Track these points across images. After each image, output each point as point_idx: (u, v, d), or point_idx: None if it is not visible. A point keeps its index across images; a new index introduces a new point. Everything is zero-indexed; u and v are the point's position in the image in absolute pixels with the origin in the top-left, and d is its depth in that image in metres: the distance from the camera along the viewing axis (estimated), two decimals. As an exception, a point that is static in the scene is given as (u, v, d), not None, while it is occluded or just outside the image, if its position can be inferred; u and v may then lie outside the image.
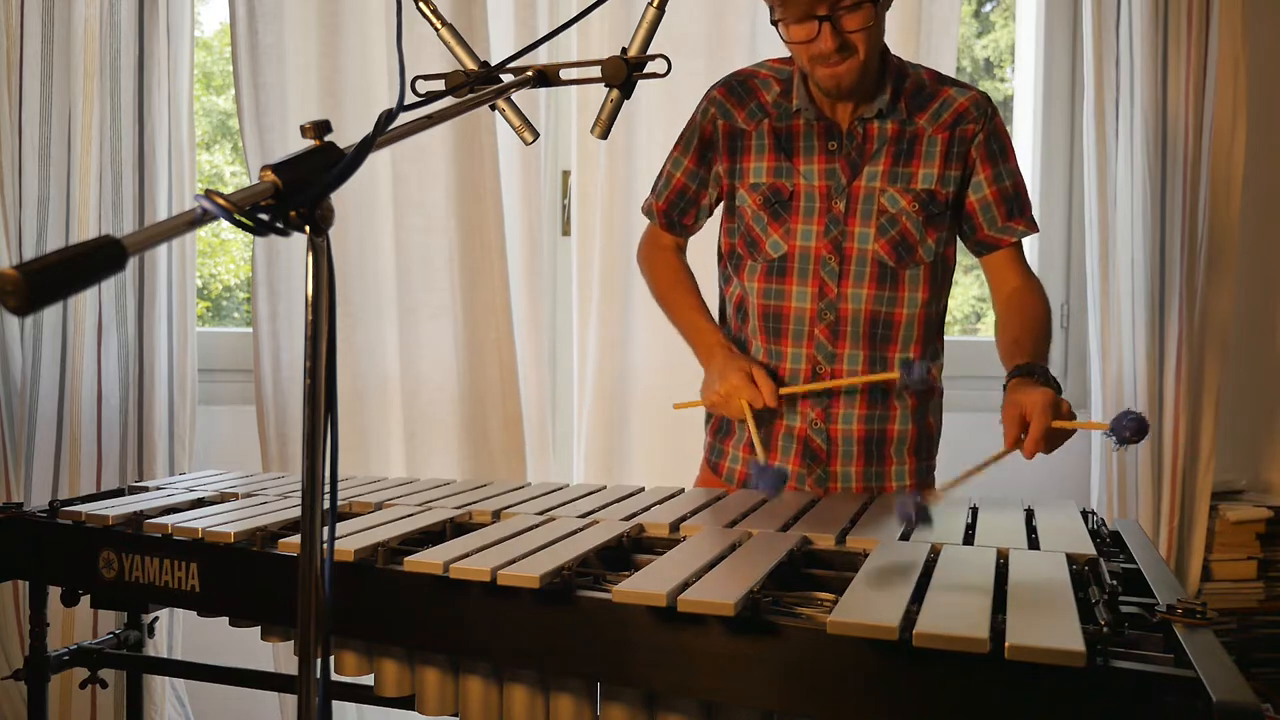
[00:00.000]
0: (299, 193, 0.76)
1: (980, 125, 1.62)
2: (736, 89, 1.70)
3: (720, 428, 1.78)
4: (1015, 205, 1.65)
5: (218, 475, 1.89)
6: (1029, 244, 2.77)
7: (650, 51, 1.20)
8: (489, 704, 1.21)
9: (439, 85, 1.16)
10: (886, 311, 1.63)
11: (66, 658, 1.80)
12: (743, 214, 1.68)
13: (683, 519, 1.38)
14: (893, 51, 1.67)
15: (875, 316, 1.62)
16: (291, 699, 2.33)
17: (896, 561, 1.13)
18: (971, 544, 1.22)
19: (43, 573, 1.62)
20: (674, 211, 1.77)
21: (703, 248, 1.86)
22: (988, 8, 3.14)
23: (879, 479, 1.68)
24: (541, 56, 2.20)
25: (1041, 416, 1.33)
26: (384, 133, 0.86)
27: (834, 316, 1.63)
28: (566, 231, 2.57)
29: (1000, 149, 1.64)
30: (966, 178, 1.64)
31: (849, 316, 1.62)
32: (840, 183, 1.61)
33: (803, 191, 1.63)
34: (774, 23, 1.52)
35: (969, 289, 3.06)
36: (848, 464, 1.66)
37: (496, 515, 1.44)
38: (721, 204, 1.75)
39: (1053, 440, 1.36)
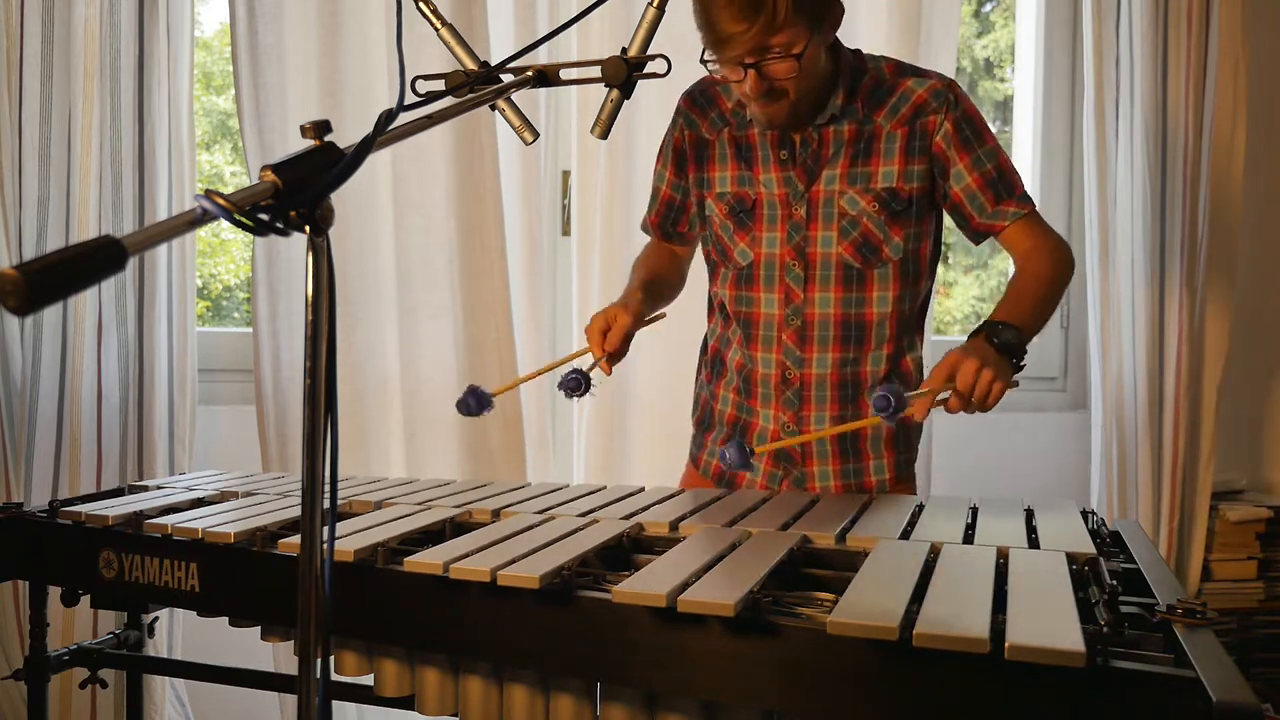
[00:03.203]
0: (299, 193, 0.76)
1: (943, 114, 1.57)
2: (699, 99, 1.71)
3: (703, 420, 1.80)
4: (1002, 187, 1.60)
5: (218, 475, 1.89)
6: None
7: (650, 51, 1.20)
8: (489, 704, 1.21)
9: (439, 85, 1.16)
10: (856, 313, 1.62)
11: (66, 658, 1.80)
12: (712, 223, 1.70)
13: (683, 519, 1.38)
14: (890, 49, 1.67)
15: (845, 319, 1.62)
16: (291, 699, 2.33)
17: (896, 561, 1.13)
18: (971, 544, 1.22)
19: (43, 573, 1.62)
20: (667, 224, 1.80)
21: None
22: (988, 8, 3.14)
23: (857, 476, 1.68)
24: (541, 56, 2.20)
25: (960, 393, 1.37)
26: (384, 133, 0.86)
27: (800, 321, 1.63)
28: (566, 231, 2.57)
29: (974, 133, 1.59)
30: (937, 170, 1.60)
31: (815, 321, 1.63)
32: (798, 189, 1.61)
33: (764, 199, 1.63)
34: (703, 61, 1.48)
35: (969, 289, 3.06)
36: (824, 463, 1.66)
37: (496, 515, 1.44)
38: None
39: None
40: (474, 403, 1.55)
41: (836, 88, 1.58)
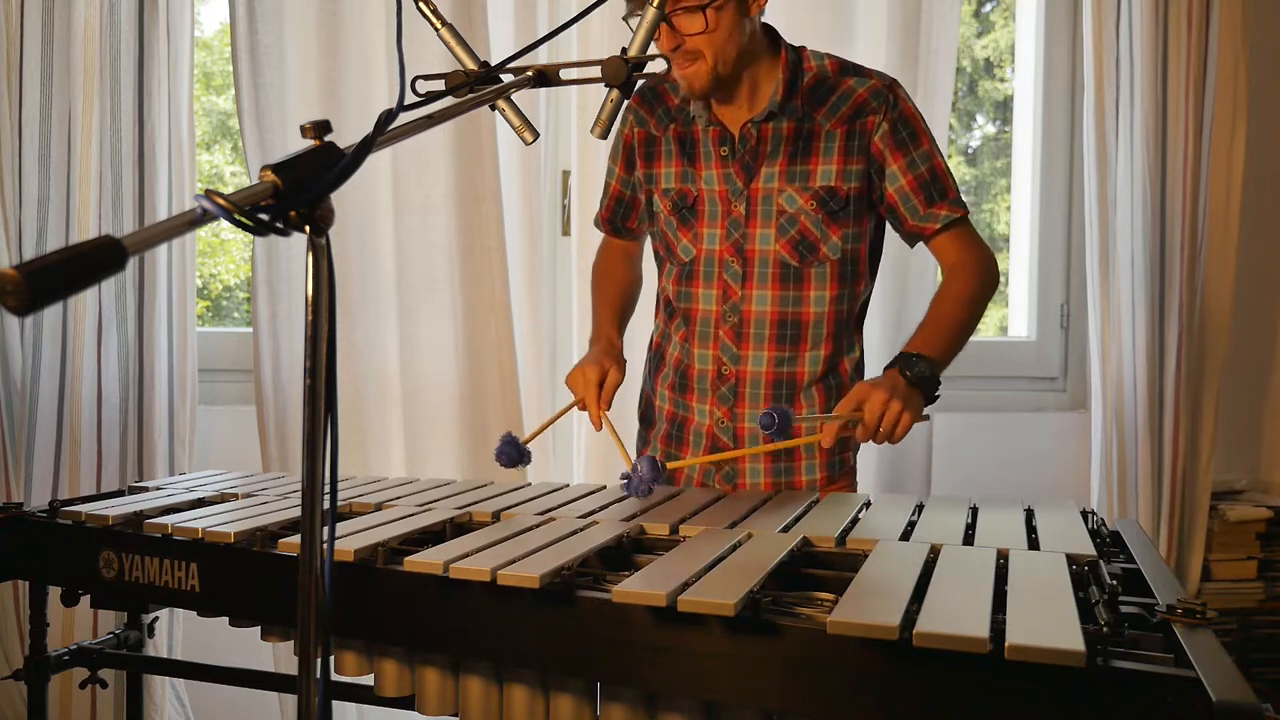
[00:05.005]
0: (299, 193, 0.76)
1: (882, 114, 1.58)
2: (648, 95, 1.72)
3: (645, 415, 1.82)
4: (935, 190, 1.60)
5: (218, 475, 1.89)
6: (1026, 233, 2.79)
7: (650, 51, 1.20)
8: (489, 704, 1.21)
9: (439, 85, 1.16)
10: (793, 312, 1.63)
11: (66, 658, 1.80)
12: (658, 219, 1.72)
13: (683, 519, 1.38)
14: (890, 49, 1.67)
15: (781, 318, 1.63)
16: (291, 699, 2.33)
17: (896, 562, 1.13)
18: (971, 544, 1.22)
19: (43, 573, 1.62)
20: (616, 219, 1.83)
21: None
22: (988, 8, 3.14)
23: (788, 474, 1.68)
24: (541, 56, 2.20)
25: (864, 430, 1.41)
26: (384, 133, 0.86)
27: (737, 319, 1.64)
28: (566, 231, 2.57)
29: (910, 134, 1.59)
30: (874, 170, 1.60)
31: (752, 318, 1.63)
32: (737, 186, 1.62)
33: (705, 196, 1.65)
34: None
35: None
36: (754, 460, 1.67)
37: (496, 515, 1.44)
38: None
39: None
40: (514, 453, 1.64)
41: (775, 82, 1.59)
